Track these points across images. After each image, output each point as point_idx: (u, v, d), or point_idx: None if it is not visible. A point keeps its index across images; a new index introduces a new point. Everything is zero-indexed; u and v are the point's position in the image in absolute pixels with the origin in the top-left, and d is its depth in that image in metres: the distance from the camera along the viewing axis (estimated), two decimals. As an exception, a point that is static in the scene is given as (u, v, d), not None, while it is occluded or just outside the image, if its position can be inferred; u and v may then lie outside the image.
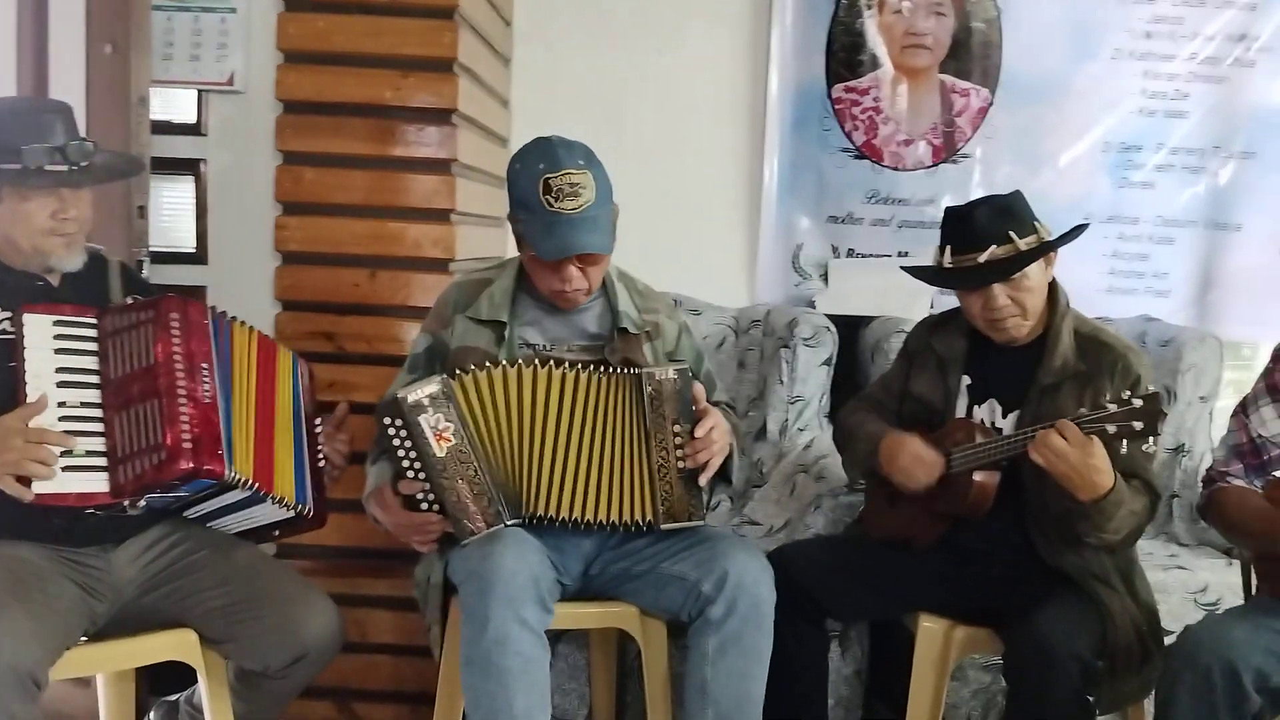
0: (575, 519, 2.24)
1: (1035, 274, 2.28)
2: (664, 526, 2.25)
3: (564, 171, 2.17)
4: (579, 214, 2.18)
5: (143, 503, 2.08)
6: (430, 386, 2.16)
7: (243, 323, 2.21)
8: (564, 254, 2.20)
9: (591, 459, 2.24)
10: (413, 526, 2.23)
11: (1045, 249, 2.28)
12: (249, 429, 2.12)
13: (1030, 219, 2.30)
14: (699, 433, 2.19)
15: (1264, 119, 3.56)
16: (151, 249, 2.71)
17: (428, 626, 2.37)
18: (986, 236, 2.25)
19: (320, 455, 2.27)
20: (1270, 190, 3.53)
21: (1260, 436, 2.19)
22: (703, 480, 2.24)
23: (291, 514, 2.19)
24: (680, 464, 2.21)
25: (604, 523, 2.25)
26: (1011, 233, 2.25)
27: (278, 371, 2.24)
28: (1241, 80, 3.56)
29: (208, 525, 2.24)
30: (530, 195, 2.18)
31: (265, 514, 2.21)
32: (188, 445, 1.98)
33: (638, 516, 2.25)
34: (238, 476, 2.05)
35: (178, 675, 2.25)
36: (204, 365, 2.06)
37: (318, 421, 2.28)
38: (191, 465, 1.98)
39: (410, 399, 2.15)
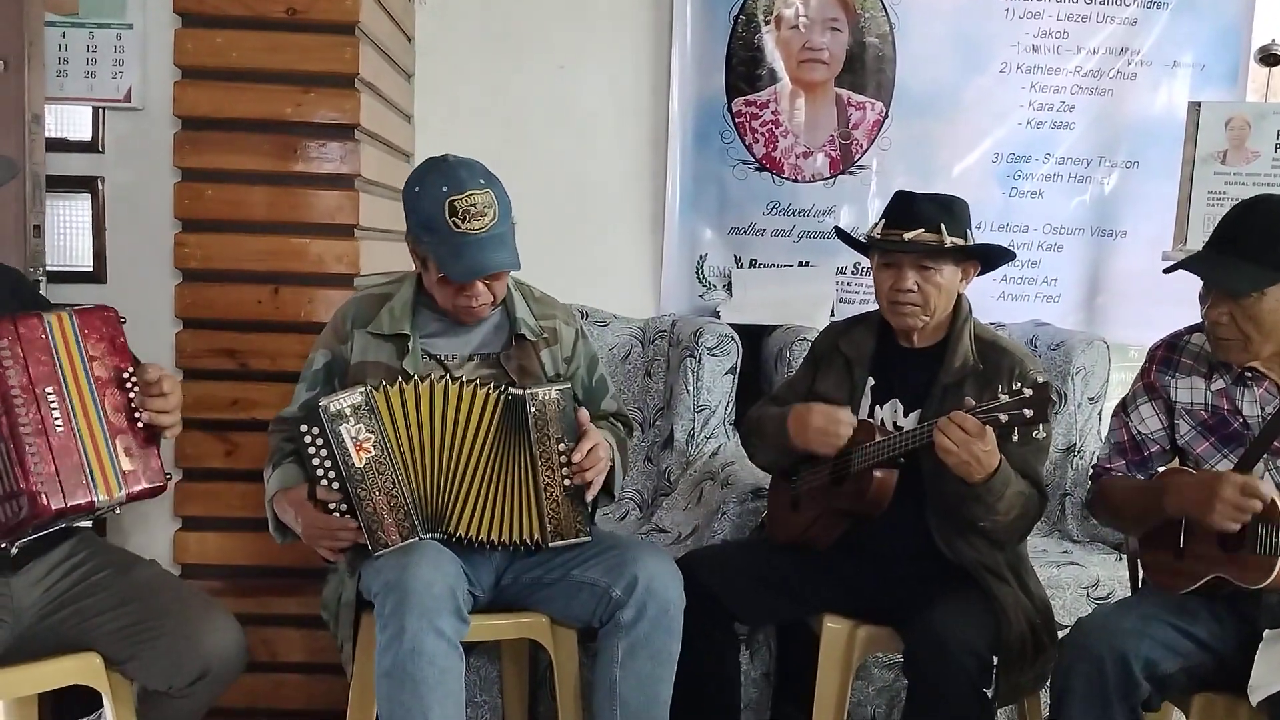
0: (471, 538, 2.26)
1: (948, 274, 2.38)
2: (552, 544, 2.28)
3: (468, 193, 2.19)
4: (486, 233, 2.20)
5: (20, 543, 2.01)
6: (353, 397, 2.18)
7: (56, 315, 2.00)
8: (478, 274, 2.23)
9: (487, 477, 2.27)
10: (326, 530, 2.22)
11: (965, 252, 2.38)
12: (94, 434, 1.98)
13: (966, 225, 2.39)
14: (577, 456, 2.23)
15: (1145, 129, 3.70)
16: (48, 268, 2.67)
17: (339, 646, 2.36)
18: (919, 219, 2.34)
19: (138, 417, 2.04)
20: (1152, 197, 3.64)
21: (1140, 434, 2.30)
22: (588, 497, 2.29)
23: (122, 501, 2.02)
24: (566, 482, 2.25)
25: (494, 542, 2.27)
26: (944, 225, 2.33)
27: (69, 348, 2.00)
28: (1124, 92, 3.70)
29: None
30: (436, 218, 2.19)
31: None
32: (41, 487, 1.90)
33: (525, 535, 2.28)
34: (106, 500, 1.97)
35: (82, 700, 2.21)
36: (49, 390, 1.94)
37: (128, 374, 2.05)
38: (56, 507, 1.91)
39: (332, 408, 2.16)
